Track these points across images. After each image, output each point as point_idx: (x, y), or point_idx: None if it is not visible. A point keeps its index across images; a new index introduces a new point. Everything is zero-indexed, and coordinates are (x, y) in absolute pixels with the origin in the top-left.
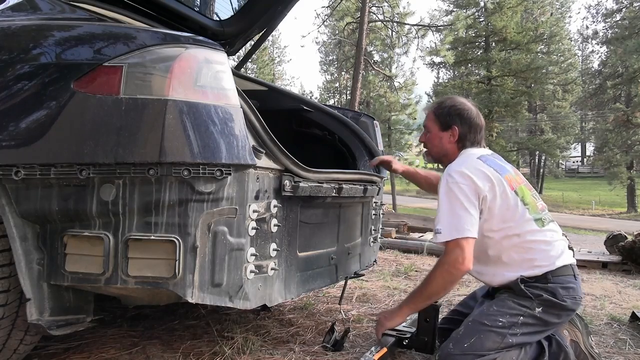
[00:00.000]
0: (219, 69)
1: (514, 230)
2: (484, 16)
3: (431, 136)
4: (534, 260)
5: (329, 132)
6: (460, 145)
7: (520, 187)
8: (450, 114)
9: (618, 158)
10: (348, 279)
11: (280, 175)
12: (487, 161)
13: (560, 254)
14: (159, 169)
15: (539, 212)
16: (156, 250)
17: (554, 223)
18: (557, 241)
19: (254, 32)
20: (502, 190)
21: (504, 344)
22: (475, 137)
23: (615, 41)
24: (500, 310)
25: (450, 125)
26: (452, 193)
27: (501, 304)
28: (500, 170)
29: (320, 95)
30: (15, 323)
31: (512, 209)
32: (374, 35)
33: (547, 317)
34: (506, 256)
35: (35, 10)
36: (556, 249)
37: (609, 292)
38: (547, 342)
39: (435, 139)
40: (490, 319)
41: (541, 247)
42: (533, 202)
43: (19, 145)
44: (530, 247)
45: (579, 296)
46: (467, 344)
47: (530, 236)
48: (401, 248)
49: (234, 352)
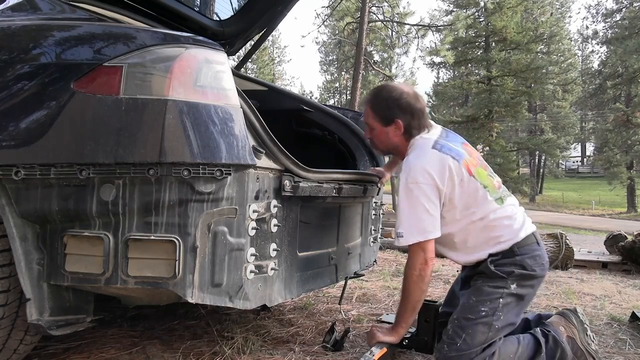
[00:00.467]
0: (219, 69)
1: (477, 215)
2: (484, 16)
3: (376, 133)
4: (499, 237)
5: (329, 132)
6: (408, 135)
7: (477, 170)
8: (389, 107)
9: (618, 158)
10: (348, 279)
11: (280, 175)
12: (443, 148)
13: (522, 225)
14: (159, 169)
15: (497, 191)
16: (156, 250)
17: (511, 197)
18: (517, 214)
19: (254, 32)
20: (461, 179)
21: (492, 331)
22: (420, 123)
23: (615, 41)
24: (479, 299)
25: (393, 120)
26: (412, 194)
27: (478, 292)
28: (458, 156)
29: (320, 95)
30: (15, 323)
31: (473, 195)
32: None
33: (522, 291)
34: (472, 240)
35: (35, 10)
36: (518, 221)
37: (609, 292)
38: (544, 338)
39: (382, 135)
40: (474, 312)
41: (504, 222)
42: (491, 183)
43: (19, 145)
44: (494, 226)
45: (545, 261)
46: (460, 343)
47: (493, 215)
48: (401, 248)
49: (234, 352)
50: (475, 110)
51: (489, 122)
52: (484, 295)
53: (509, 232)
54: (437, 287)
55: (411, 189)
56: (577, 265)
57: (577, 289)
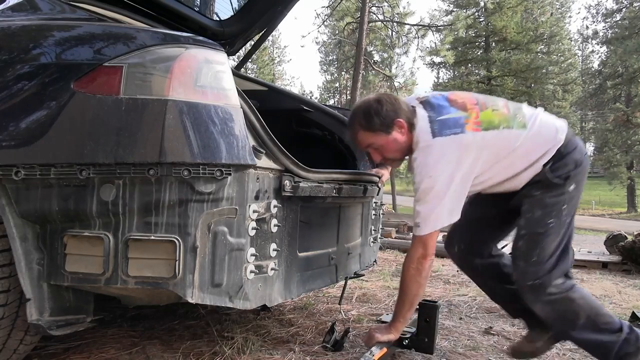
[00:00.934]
0: (219, 69)
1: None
2: (484, 16)
3: (385, 147)
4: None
5: (329, 132)
6: (411, 127)
7: (480, 119)
8: (382, 116)
9: (618, 158)
10: (348, 279)
11: (280, 176)
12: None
13: (555, 129)
14: (159, 169)
15: (512, 119)
16: (156, 250)
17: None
18: (543, 124)
19: (254, 32)
20: (474, 142)
21: (561, 235)
22: (409, 110)
23: (615, 41)
24: (545, 211)
25: (393, 122)
26: (428, 188)
27: (542, 205)
28: (457, 126)
29: (320, 95)
30: (15, 323)
31: (494, 141)
32: (374, 35)
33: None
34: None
35: (35, 10)
36: (549, 129)
37: (609, 292)
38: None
39: (391, 145)
40: (542, 225)
41: (538, 140)
42: (500, 117)
43: (19, 145)
44: (531, 149)
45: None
46: (535, 257)
47: (525, 141)
48: (401, 248)
49: (234, 352)
50: None
51: None
52: (549, 207)
53: (547, 144)
54: (437, 287)
55: (426, 183)
56: (577, 265)
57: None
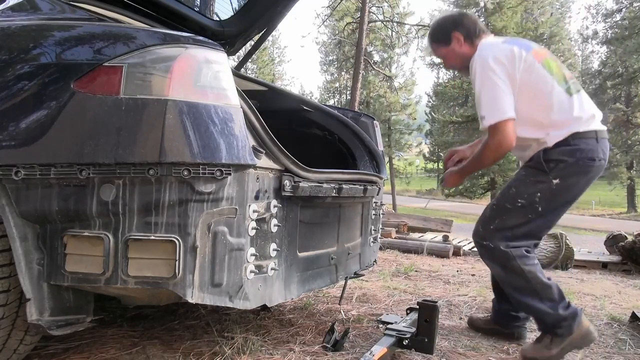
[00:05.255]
0: (218, 69)
1: (544, 100)
2: (484, 16)
3: (447, 56)
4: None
5: (329, 132)
6: (470, 41)
7: (545, 60)
8: (442, 29)
9: (618, 158)
10: (348, 279)
11: (280, 175)
12: (510, 42)
13: (585, 119)
14: (159, 169)
15: (567, 81)
16: (156, 250)
17: (582, 92)
18: (583, 108)
19: (254, 32)
20: (530, 65)
21: (528, 221)
22: (476, 27)
23: (615, 41)
24: (520, 191)
25: (450, 35)
26: (489, 80)
27: (519, 184)
28: (526, 47)
29: (320, 95)
30: (15, 323)
31: (542, 80)
32: (374, 35)
33: (565, 184)
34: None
35: (35, 10)
36: (581, 115)
37: (609, 292)
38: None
39: (451, 54)
40: (511, 201)
41: (566, 113)
42: (559, 72)
43: (19, 145)
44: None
45: (598, 157)
46: (493, 226)
47: (559, 103)
48: (401, 248)
49: (234, 352)
50: (475, 110)
51: None
52: (523, 187)
53: (569, 121)
54: (437, 287)
55: (489, 75)
56: (577, 266)
57: (577, 289)
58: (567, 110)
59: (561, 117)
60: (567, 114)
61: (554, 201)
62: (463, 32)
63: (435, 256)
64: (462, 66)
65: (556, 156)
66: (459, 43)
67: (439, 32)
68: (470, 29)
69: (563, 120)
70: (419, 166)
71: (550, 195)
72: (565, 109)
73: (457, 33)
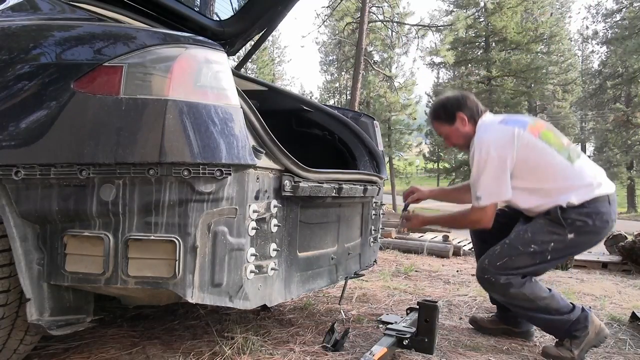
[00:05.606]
0: (218, 69)
1: (548, 172)
2: (484, 16)
3: (450, 135)
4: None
5: (329, 132)
6: (473, 121)
7: (543, 132)
8: (446, 110)
9: (618, 158)
10: (348, 279)
11: (280, 176)
12: (508, 122)
13: (594, 184)
14: (159, 169)
15: (565, 149)
16: (156, 250)
17: (584, 156)
18: (589, 173)
19: (254, 32)
20: (528, 141)
21: (534, 266)
22: (477, 108)
23: (615, 41)
24: (535, 237)
25: (455, 115)
26: (488, 164)
27: (535, 230)
28: (522, 124)
29: (320, 95)
30: (15, 323)
31: (541, 154)
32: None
33: (577, 241)
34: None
35: (35, 10)
36: (590, 181)
37: (609, 292)
38: (582, 311)
39: (455, 133)
40: (525, 244)
41: (574, 181)
42: (558, 142)
43: (19, 145)
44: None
45: (610, 220)
46: (500, 263)
47: (563, 173)
48: (401, 248)
49: (234, 352)
50: None
51: None
52: (540, 235)
53: (579, 192)
54: (437, 287)
55: (485, 159)
56: (577, 265)
57: (577, 289)
58: (573, 177)
59: (568, 184)
60: (574, 180)
61: (563, 252)
62: (467, 112)
63: (435, 256)
64: (464, 144)
65: (574, 215)
66: (462, 123)
67: (443, 112)
68: (473, 109)
69: (571, 185)
70: (419, 166)
71: (563, 247)
72: (571, 175)
73: (461, 114)
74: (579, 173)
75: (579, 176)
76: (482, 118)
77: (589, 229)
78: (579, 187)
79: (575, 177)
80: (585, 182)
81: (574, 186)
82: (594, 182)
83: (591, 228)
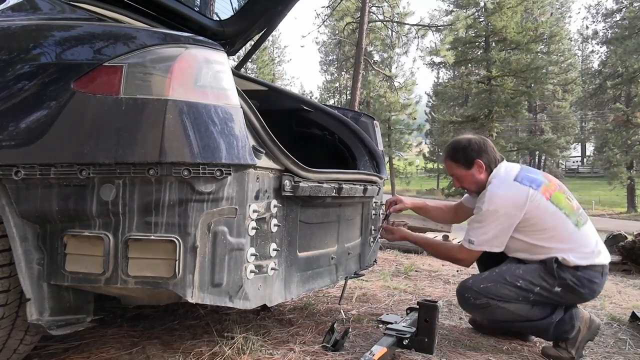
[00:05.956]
0: (219, 69)
1: (555, 234)
2: (484, 16)
3: (464, 178)
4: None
5: (329, 132)
6: (489, 169)
7: (555, 195)
8: (465, 154)
9: (618, 158)
10: (348, 279)
11: (280, 175)
12: (524, 180)
13: (593, 253)
14: (159, 169)
15: (575, 213)
16: (156, 250)
17: (589, 223)
18: (591, 241)
19: (254, 32)
20: (539, 203)
21: (515, 299)
22: (495, 157)
23: (615, 41)
24: (524, 275)
25: (473, 161)
26: (490, 218)
27: (528, 270)
28: (536, 184)
29: (320, 95)
30: (15, 323)
31: (551, 216)
32: (374, 35)
33: (563, 296)
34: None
35: (35, 10)
36: (590, 249)
37: (609, 292)
38: (563, 311)
39: (469, 178)
40: (512, 277)
41: (575, 247)
42: (569, 205)
43: (19, 145)
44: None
45: (598, 291)
46: (484, 286)
47: (568, 237)
48: (401, 248)
49: (234, 352)
50: (475, 110)
51: (489, 122)
52: (530, 276)
53: (578, 255)
54: (437, 287)
55: (491, 213)
56: None
57: None
58: (578, 241)
59: (570, 246)
60: (578, 245)
61: (546, 299)
62: (485, 160)
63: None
64: (475, 190)
65: (567, 274)
66: (479, 170)
67: (462, 156)
68: (491, 158)
69: (572, 248)
70: (419, 166)
71: (547, 295)
72: (576, 239)
73: (480, 161)
74: (583, 238)
75: (583, 242)
76: (497, 168)
77: (576, 291)
78: (579, 251)
79: (579, 241)
80: (587, 249)
81: (575, 249)
82: (595, 250)
83: (578, 291)
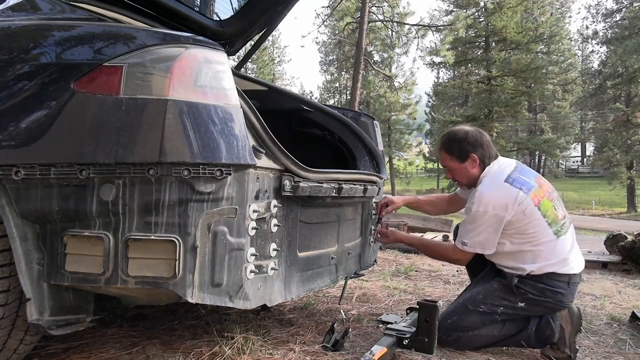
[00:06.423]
0: (219, 69)
1: (531, 238)
2: (484, 16)
3: (456, 171)
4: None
5: (329, 132)
6: (482, 165)
7: (543, 201)
8: (461, 146)
9: (618, 158)
10: (348, 279)
11: (280, 175)
12: (514, 182)
13: (565, 262)
14: (159, 169)
15: (558, 223)
16: (156, 250)
17: (571, 232)
18: (566, 250)
19: (254, 32)
20: (526, 209)
21: (483, 325)
22: (490, 152)
23: (615, 41)
24: (485, 300)
25: (468, 155)
26: (480, 219)
27: (487, 294)
28: (527, 188)
29: (320, 95)
30: (15, 323)
31: (534, 222)
32: (374, 35)
33: (529, 309)
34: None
35: (35, 10)
36: (563, 258)
37: (609, 292)
38: (537, 318)
39: (462, 171)
40: (474, 305)
41: (550, 255)
42: (553, 214)
43: (19, 145)
44: (540, 251)
45: (565, 300)
46: (451, 321)
47: (545, 245)
48: (401, 248)
49: (234, 352)
50: (475, 110)
51: (489, 122)
52: (490, 298)
53: (550, 263)
54: (437, 287)
55: (480, 214)
56: None
57: (577, 289)
58: (552, 249)
59: (544, 255)
60: (550, 254)
61: (514, 315)
62: (480, 155)
63: None
64: (466, 184)
65: (528, 288)
66: (473, 164)
67: (457, 148)
68: (486, 153)
69: (545, 257)
70: (419, 166)
71: (512, 312)
72: (550, 248)
73: (475, 155)
74: (557, 247)
75: (555, 250)
76: (490, 166)
77: (540, 302)
78: (549, 258)
79: (552, 250)
80: (555, 258)
81: (544, 256)
82: (563, 258)
83: (543, 302)
